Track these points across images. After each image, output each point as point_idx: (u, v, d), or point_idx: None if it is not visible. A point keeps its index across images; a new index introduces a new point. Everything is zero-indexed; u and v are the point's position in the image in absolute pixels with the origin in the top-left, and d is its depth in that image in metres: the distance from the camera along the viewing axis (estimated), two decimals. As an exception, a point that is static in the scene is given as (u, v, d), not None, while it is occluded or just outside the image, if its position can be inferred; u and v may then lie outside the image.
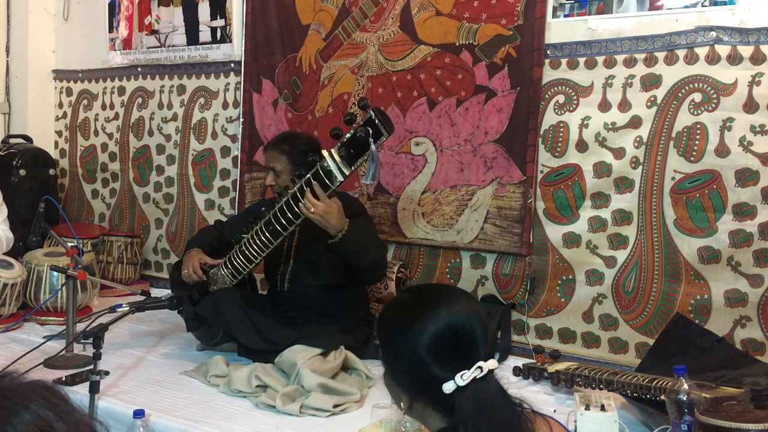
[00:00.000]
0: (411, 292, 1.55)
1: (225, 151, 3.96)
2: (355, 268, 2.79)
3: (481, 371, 1.31)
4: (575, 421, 2.09)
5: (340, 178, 2.49)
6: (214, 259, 3.00)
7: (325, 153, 2.50)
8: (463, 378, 1.29)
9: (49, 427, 0.87)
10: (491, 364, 1.33)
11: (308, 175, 2.55)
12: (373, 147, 2.35)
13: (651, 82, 2.80)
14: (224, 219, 3.46)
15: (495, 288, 3.15)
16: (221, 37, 3.93)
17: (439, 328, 1.34)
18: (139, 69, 4.29)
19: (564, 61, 2.97)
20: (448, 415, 1.34)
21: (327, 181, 2.51)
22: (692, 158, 2.73)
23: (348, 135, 2.42)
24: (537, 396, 2.51)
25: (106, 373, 2.44)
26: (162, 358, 2.96)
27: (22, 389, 0.90)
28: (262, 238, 2.76)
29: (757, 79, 2.61)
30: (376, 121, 2.35)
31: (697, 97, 2.71)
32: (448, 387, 1.30)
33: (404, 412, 1.43)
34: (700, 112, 2.71)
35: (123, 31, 4.34)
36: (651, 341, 2.72)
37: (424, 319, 1.35)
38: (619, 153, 2.86)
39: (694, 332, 2.52)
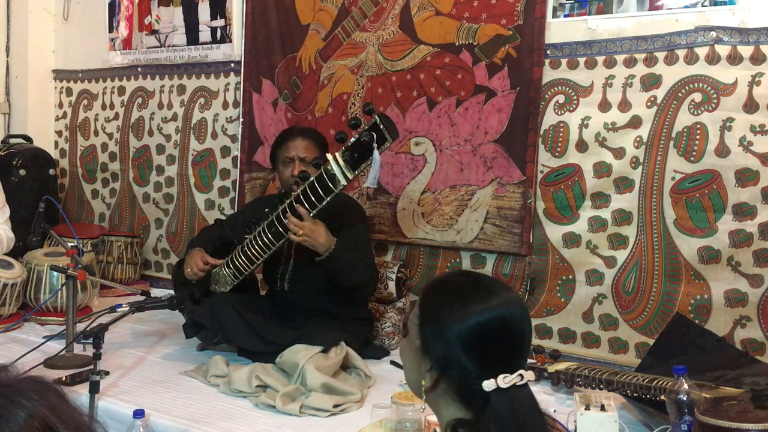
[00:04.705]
0: (471, 275, 1.48)
1: (225, 151, 3.96)
2: (340, 287, 2.81)
3: (522, 379, 1.29)
4: (575, 421, 2.09)
5: (343, 182, 2.50)
6: (216, 259, 3.00)
7: (329, 156, 2.50)
8: (505, 381, 1.27)
9: (46, 426, 0.84)
10: (530, 375, 1.31)
11: (312, 178, 2.56)
12: (376, 152, 2.36)
13: (651, 82, 2.80)
14: (224, 219, 3.46)
15: (495, 288, 3.15)
16: (221, 37, 3.93)
17: (495, 317, 1.30)
18: (139, 69, 4.29)
19: (564, 61, 2.97)
20: (469, 408, 1.31)
21: (331, 184, 2.52)
22: (692, 158, 2.73)
23: (353, 139, 2.42)
24: (537, 396, 2.49)
25: (106, 373, 2.44)
26: (162, 358, 2.96)
27: (19, 386, 0.87)
28: (264, 239, 2.76)
29: (757, 79, 2.61)
30: (381, 126, 2.35)
31: (697, 97, 2.71)
32: (488, 385, 1.27)
33: (424, 390, 1.37)
34: (700, 112, 2.71)
35: (123, 31, 4.34)
36: (651, 341, 2.72)
37: (483, 304, 1.31)
38: (619, 153, 2.86)
39: (694, 332, 2.52)
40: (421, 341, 1.37)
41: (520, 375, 1.29)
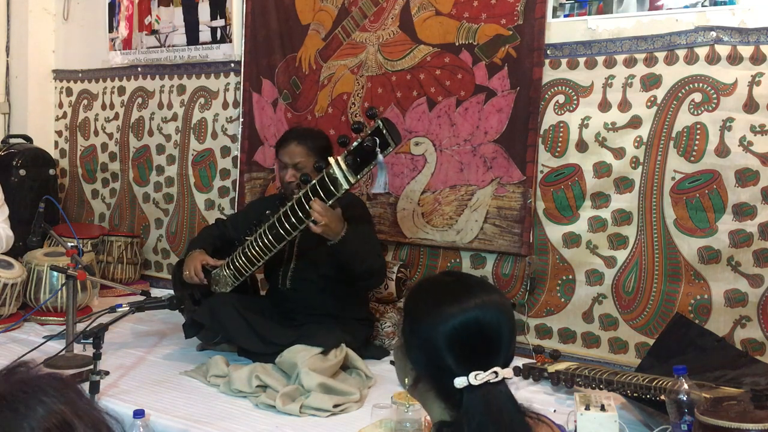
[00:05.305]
0: (452, 276, 1.53)
1: (225, 151, 3.96)
2: (351, 273, 2.79)
3: (496, 376, 1.30)
4: (575, 421, 2.09)
5: (345, 185, 2.49)
6: (216, 260, 3.00)
7: (331, 160, 2.50)
8: (477, 378, 1.29)
9: (64, 422, 0.85)
10: (507, 372, 1.32)
11: (314, 181, 2.55)
12: (380, 157, 2.35)
13: (651, 82, 2.80)
14: (225, 218, 3.45)
15: (495, 288, 3.15)
16: (221, 37, 3.93)
17: (468, 319, 1.32)
18: (139, 69, 4.29)
19: (564, 61, 2.97)
20: (451, 408, 1.33)
21: (332, 188, 2.51)
22: (692, 158, 2.73)
23: (355, 143, 2.41)
24: (537, 396, 2.51)
25: (106, 373, 2.44)
26: (162, 358, 2.96)
27: (38, 382, 0.88)
28: (266, 241, 2.76)
29: (757, 79, 2.61)
30: (384, 131, 2.34)
31: (697, 97, 2.71)
32: (460, 382, 1.29)
33: (407, 389, 1.42)
34: (700, 112, 2.71)
35: (123, 31, 4.34)
36: (651, 341, 2.72)
37: (457, 306, 1.33)
38: (619, 153, 2.86)
39: (694, 332, 2.52)
40: (403, 341, 1.41)
41: (494, 372, 1.30)
